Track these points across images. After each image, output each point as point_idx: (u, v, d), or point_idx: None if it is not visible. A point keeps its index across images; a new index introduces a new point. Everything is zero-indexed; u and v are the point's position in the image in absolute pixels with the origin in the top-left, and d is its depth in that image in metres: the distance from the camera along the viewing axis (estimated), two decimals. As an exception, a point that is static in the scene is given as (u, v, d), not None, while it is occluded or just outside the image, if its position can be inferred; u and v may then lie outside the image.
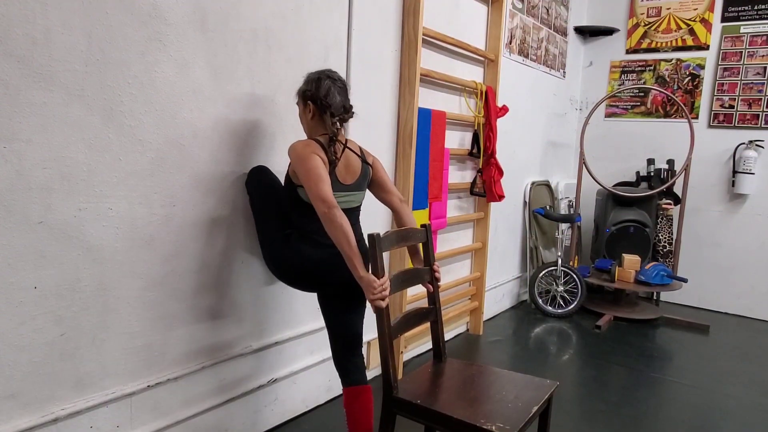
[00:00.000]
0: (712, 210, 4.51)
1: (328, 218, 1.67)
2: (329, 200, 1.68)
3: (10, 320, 1.48)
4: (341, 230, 1.66)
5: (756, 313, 4.37)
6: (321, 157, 1.75)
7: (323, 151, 1.78)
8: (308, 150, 1.75)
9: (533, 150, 4.35)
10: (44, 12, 1.45)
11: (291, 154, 1.78)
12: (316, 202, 1.69)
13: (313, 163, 1.72)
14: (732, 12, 4.35)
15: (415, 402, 1.64)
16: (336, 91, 1.84)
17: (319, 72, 1.87)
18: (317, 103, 1.83)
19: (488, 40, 3.47)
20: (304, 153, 1.74)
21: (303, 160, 1.73)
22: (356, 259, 1.67)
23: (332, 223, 1.66)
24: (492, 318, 3.97)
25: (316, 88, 1.83)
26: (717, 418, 2.63)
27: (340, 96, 1.85)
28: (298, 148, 1.76)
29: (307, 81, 1.87)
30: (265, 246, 1.98)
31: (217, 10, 1.87)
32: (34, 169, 1.48)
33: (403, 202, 2.02)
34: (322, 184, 1.70)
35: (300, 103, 1.90)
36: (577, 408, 2.67)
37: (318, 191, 1.69)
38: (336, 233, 1.67)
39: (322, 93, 1.82)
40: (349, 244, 1.66)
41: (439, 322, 1.97)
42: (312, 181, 1.70)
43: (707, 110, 4.48)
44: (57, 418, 1.59)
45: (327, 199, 1.68)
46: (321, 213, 1.68)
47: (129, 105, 1.67)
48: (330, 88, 1.83)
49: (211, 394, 2.04)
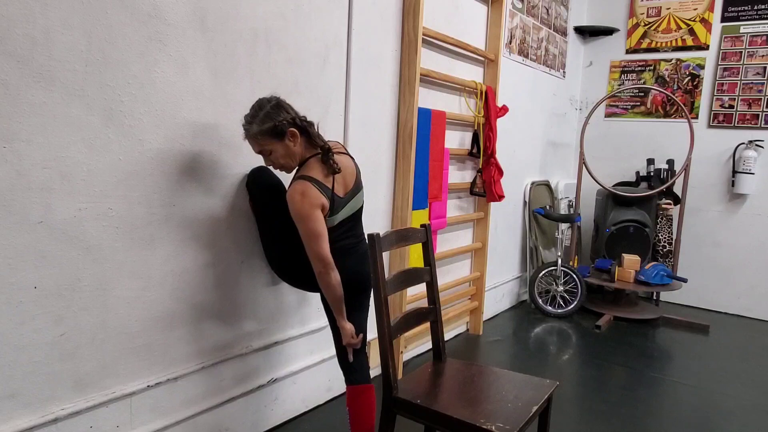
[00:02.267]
0: (711, 210, 4.51)
1: (324, 279, 1.78)
2: (326, 260, 1.76)
3: (10, 320, 1.48)
4: (333, 291, 1.80)
5: (756, 313, 4.37)
6: (322, 203, 1.73)
7: (320, 188, 1.73)
8: (307, 205, 1.70)
9: (533, 150, 4.35)
10: (44, 12, 1.45)
11: (290, 206, 1.73)
12: (314, 261, 1.77)
13: (312, 224, 1.72)
14: (732, 12, 4.35)
15: (415, 402, 1.64)
16: (284, 107, 1.76)
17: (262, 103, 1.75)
18: (298, 125, 1.76)
19: (488, 40, 3.47)
20: (303, 211, 1.70)
21: (303, 220, 1.71)
22: (341, 311, 1.84)
23: (327, 284, 1.79)
24: (492, 318, 3.97)
25: (285, 113, 1.73)
26: (717, 418, 2.63)
27: (291, 110, 1.78)
28: (296, 202, 1.70)
29: (264, 118, 1.71)
30: (268, 247, 1.99)
31: (217, 10, 1.87)
32: (34, 169, 1.48)
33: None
34: (321, 243, 1.75)
35: (278, 142, 1.74)
36: (576, 408, 2.67)
37: (316, 251, 1.75)
38: (327, 290, 1.81)
39: (292, 113, 1.76)
40: (337, 300, 1.82)
41: (439, 322, 1.97)
42: (310, 240, 1.74)
43: (707, 110, 4.48)
44: (57, 417, 1.59)
45: (324, 258, 1.76)
46: (317, 272, 1.78)
47: (129, 105, 1.67)
48: (289, 106, 1.77)
49: (211, 394, 2.04)
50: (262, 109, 1.73)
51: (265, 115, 1.72)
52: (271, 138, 1.74)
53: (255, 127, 1.73)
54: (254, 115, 1.74)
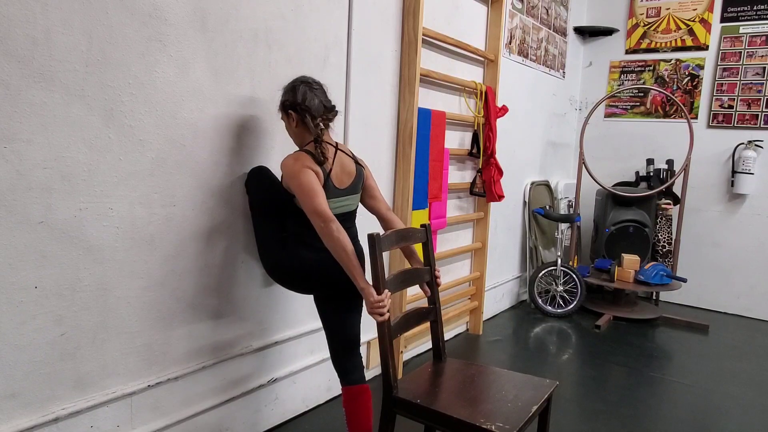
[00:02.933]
0: (711, 210, 4.51)
1: (326, 232, 1.71)
2: (325, 214, 1.70)
3: (11, 320, 1.48)
4: (339, 244, 1.70)
5: (755, 312, 4.38)
6: (313, 169, 1.76)
7: (314, 162, 1.78)
8: (299, 165, 1.75)
9: (533, 150, 4.35)
10: (45, 12, 1.45)
11: (283, 170, 1.79)
12: (312, 217, 1.72)
13: (305, 178, 1.73)
14: (731, 12, 4.36)
15: (415, 401, 1.65)
16: (313, 93, 1.83)
17: (293, 80, 1.88)
18: (297, 109, 1.83)
19: (488, 41, 3.48)
20: (295, 168, 1.75)
21: (295, 176, 1.74)
22: (356, 271, 1.71)
23: (330, 237, 1.70)
24: (492, 318, 3.97)
25: (292, 95, 1.83)
26: (716, 418, 2.63)
27: (318, 98, 1.84)
28: (288, 164, 1.77)
29: (283, 92, 1.87)
30: (261, 248, 1.99)
31: (217, 10, 1.88)
32: (34, 169, 1.48)
33: (389, 210, 2.04)
34: (317, 198, 1.71)
35: (283, 116, 1.90)
36: (576, 407, 2.67)
37: (313, 205, 1.71)
38: (335, 247, 1.71)
39: (299, 98, 1.82)
40: (348, 257, 1.71)
41: (439, 321, 1.97)
42: (306, 195, 1.72)
43: (706, 110, 4.49)
44: (57, 417, 1.59)
45: (323, 212, 1.70)
46: (318, 227, 1.72)
47: (129, 105, 1.67)
48: (306, 92, 1.82)
49: (211, 394, 2.04)
50: (287, 85, 1.88)
51: (282, 92, 1.88)
52: (280, 111, 1.90)
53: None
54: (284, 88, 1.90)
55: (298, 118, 1.84)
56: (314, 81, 1.88)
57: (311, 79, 1.88)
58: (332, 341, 1.96)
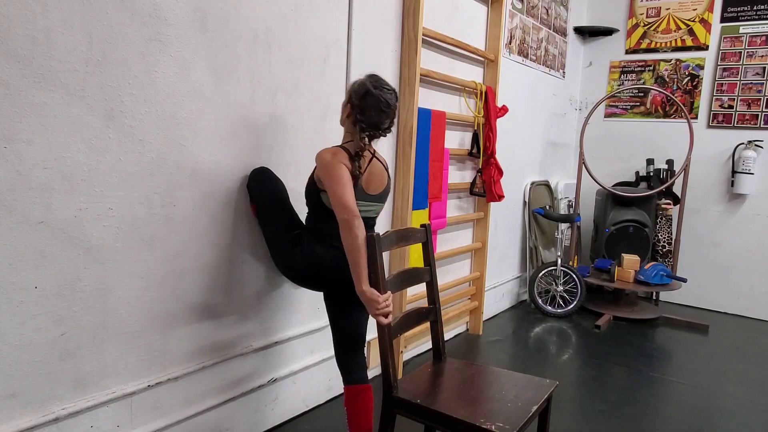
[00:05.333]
0: (711, 210, 4.51)
1: (348, 226, 1.68)
2: (352, 207, 1.70)
3: (11, 320, 1.48)
4: (357, 241, 1.68)
5: (755, 313, 4.38)
6: (347, 165, 1.76)
7: (349, 160, 1.79)
8: (336, 159, 1.76)
9: (533, 150, 4.35)
10: (45, 12, 1.45)
11: (318, 160, 1.79)
12: (338, 208, 1.71)
13: (339, 171, 1.73)
14: (731, 12, 4.36)
15: (415, 401, 1.65)
16: (376, 111, 1.81)
17: (372, 81, 1.83)
18: (354, 113, 1.83)
19: (488, 41, 3.48)
20: (332, 161, 1.75)
21: (330, 168, 1.74)
22: (363, 272, 1.69)
23: (350, 231, 1.68)
24: (492, 318, 3.97)
25: (359, 100, 1.81)
26: (716, 418, 2.63)
27: (379, 116, 1.82)
28: (325, 156, 1.77)
29: (359, 85, 1.84)
30: (273, 246, 1.98)
31: (217, 11, 1.88)
32: (34, 169, 1.48)
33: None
34: (347, 191, 1.71)
35: (344, 100, 1.90)
36: (576, 407, 2.67)
37: (343, 197, 1.70)
38: (352, 242, 1.68)
39: (361, 107, 1.81)
40: (360, 256, 1.68)
41: (439, 321, 1.97)
42: (337, 186, 1.71)
43: (706, 110, 4.49)
44: (57, 417, 1.59)
45: (350, 206, 1.69)
46: (341, 219, 1.70)
47: (129, 105, 1.67)
48: (372, 106, 1.80)
49: (211, 394, 2.04)
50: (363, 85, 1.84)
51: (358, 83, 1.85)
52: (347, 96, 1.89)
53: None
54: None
55: (351, 116, 1.84)
56: (386, 100, 1.82)
57: (385, 96, 1.82)
58: (338, 339, 1.96)
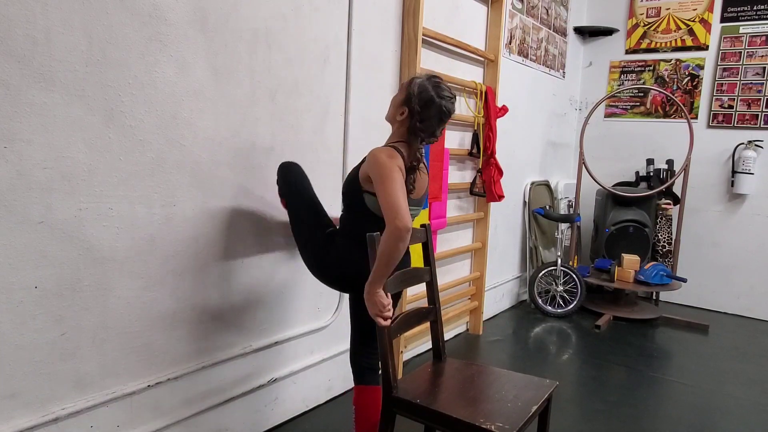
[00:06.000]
0: (711, 210, 4.51)
1: (399, 236, 1.60)
2: (406, 218, 1.61)
3: (11, 320, 1.48)
4: (398, 251, 1.61)
5: (755, 313, 4.38)
6: (402, 171, 1.71)
7: (403, 165, 1.73)
8: (393, 162, 1.68)
9: (533, 150, 4.35)
10: (45, 12, 1.45)
11: (372, 160, 1.70)
12: (391, 214, 1.61)
13: (397, 175, 1.67)
14: (731, 12, 4.36)
15: (415, 401, 1.65)
16: (437, 120, 1.77)
17: (435, 88, 1.77)
18: (412, 120, 1.76)
19: (488, 41, 3.48)
20: (390, 164, 1.67)
21: (386, 170, 1.66)
22: (383, 278, 1.65)
23: (399, 242, 1.60)
24: (492, 318, 3.97)
25: (421, 106, 1.75)
26: (716, 418, 2.63)
27: (437, 125, 1.79)
28: (382, 158, 1.69)
29: (421, 89, 1.76)
30: (303, 244, 1.95)
31: (217, 11, 1.88)
32: (34, 169, 1.48)
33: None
34: (402, 198, 1.64)
35: (402, 95, 1.81)
36: (576, 407, 2.67)
37: (398, 204, 1.61)
38: (392, 250, 1.61)
39: (423, 116, 1.75)
40: (390, 264, 1.63)
41: (439, 321, 1.97)
42: (393, 190, 1.63)
43: (706, 110, 4.49)
44: (57, 417, 1.59)
45: (405, 215, 1.61)
46: (394, 226, 1.60)
47: (129, 105, 1.67)
48: (434, 115, 1.76)
49: (211, 394, 2.04)
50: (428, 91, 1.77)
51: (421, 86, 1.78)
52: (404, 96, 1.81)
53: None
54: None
55: (407, 119, 1.78)
56: (448, 109, 1.78)
57: (447, 106, 1.78)
58: (358, 340, 1.94)
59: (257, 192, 2.12)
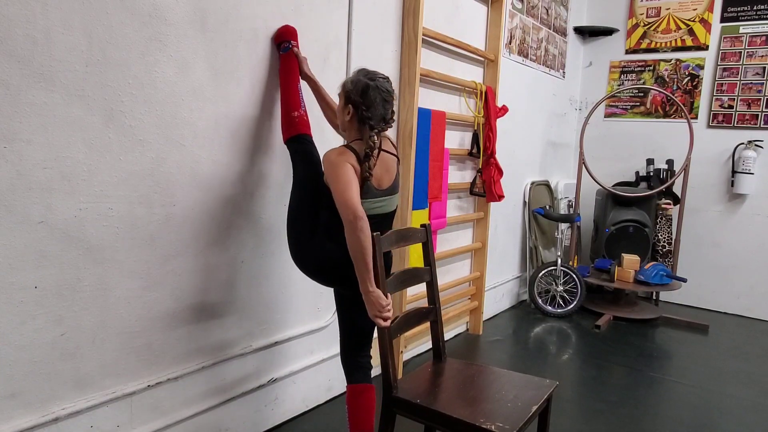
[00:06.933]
0: (711, 210, 4.51)
1: (352, 227, 1.63)
2: (356, 208, 1.63)
3: (11, 320, 1.49)
4: (359, 242, 1.63)
5: (755, 313, 4.38)
6: (354, 166, 1.72)
7: (357, 161, 1.74)
8: (341, 159, 1.70)
9: (533, 150, 4.35)
10: (45, 12, 1.45)
11: (323, 161, 1.75)
12: (342, 209, 1.65)
13: (343, 170, 1.68)
14: (731, 12, 4.36)
15: (415, 401, 1.65)
16: (380, 102, 1.78)
17: (366, 75, 1.79)
18: (358, 112, 1.78)
19: (488, 41, 3.48)
20: (337, 161, 1.70)
21: (334, 167, 1.69)
22: (367, 274, 1.65)
23: (353, 233, 1.63)
24: (492, 318, 3.97)
25: (360, 96, 1.76)
26: (716, 418, 2.63)
27: (383, 107, 1.79)
28: (331, 158, 1.72)
29: (354, 82, 1.79)
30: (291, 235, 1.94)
31: (217, 10, 1.88)
32: (34, 169, 1.48)
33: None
34: (350, 191, 1.66)
35: (341, 99, 1.83)
36: (576, 407, 2.67)
37: (345, 198, 1.64)
38: (355, 243, 1.63)
39: (366, 104, 1.77)
40: (363, 257, 1.63)
41: (439, 321, 1.97)
42: (340, 186, 1.66)
43: (706, 110, 4.49)
44: (57, 417, 1.59)
45: (354, 206, 1.63)
46: (345, 220, 1.64)
47: (129, 105, 1.67)
48: (375, 99, 1.77)
49: (211, 394, 2.04)
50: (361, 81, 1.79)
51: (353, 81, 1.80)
52: (341, 90, 1.84)
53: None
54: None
55: (354, 116, 1.79)
56: (386, 89, 1.79)
57: (383, 85, 1.79)
58: (345, 338, 1.95)
59: (257, 192, 2.12)
